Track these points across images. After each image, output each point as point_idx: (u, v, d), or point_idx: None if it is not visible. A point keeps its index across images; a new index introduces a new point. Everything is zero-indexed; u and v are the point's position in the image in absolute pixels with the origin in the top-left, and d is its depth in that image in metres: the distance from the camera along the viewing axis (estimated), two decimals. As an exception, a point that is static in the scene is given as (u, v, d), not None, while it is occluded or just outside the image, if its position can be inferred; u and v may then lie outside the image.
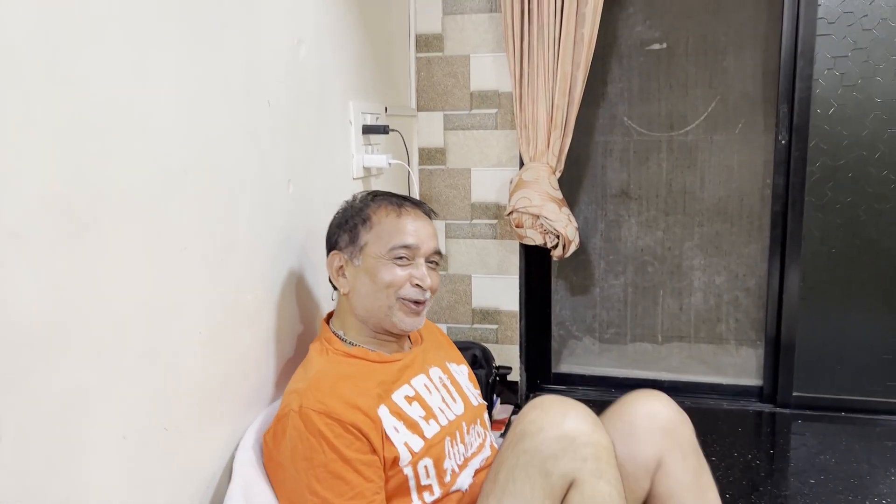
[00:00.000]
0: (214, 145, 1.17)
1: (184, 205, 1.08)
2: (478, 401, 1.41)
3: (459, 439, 1.28)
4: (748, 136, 2.59)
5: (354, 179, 1.80)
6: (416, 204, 1.35)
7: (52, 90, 0.83)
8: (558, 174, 2.21)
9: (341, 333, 1.31)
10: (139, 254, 0.98)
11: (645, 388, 1.42)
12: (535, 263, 2.51)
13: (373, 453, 1.13)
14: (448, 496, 1.22)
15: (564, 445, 1.11)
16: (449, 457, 1.23)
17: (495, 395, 2.32)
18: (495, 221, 2.38)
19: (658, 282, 2.76)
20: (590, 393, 2.53)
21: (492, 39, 2.29)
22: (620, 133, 2.69)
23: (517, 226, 2.21)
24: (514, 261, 2.39)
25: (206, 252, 1.14)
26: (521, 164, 2.25)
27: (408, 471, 1.17)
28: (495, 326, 2.44)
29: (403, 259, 1.27)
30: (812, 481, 1.90)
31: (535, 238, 2.21)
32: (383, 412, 1.18)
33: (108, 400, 0.93)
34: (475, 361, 2.21)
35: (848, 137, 2.18)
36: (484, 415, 1.42)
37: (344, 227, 1.32)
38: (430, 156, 2.39)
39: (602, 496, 1.10)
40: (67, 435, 0.86)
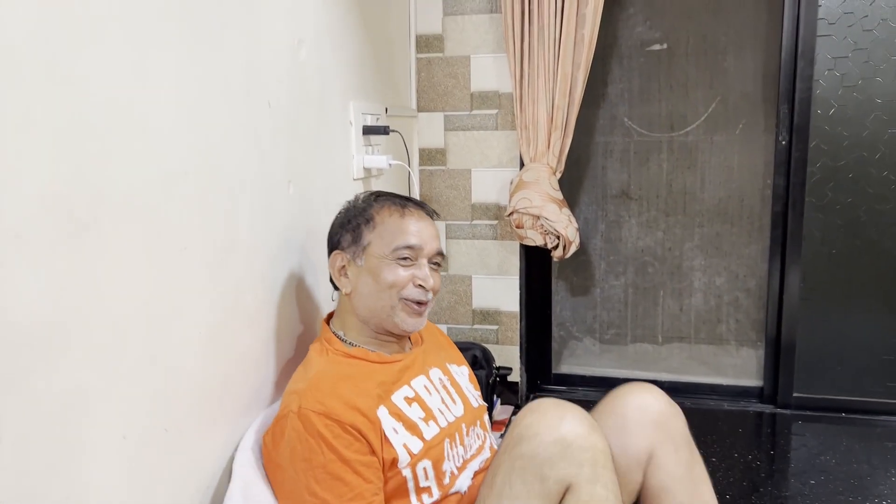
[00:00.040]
0: (215, 146, 1.17)
1: (184, 205, 1.08)
2: (478, 402, 1.41)
3: (459, 441, 1.28)
4: (748, 137, 2.59)
5: (355, 180, 1.80)
6: (419, 205, 1.35)
7: (52, 90, 0.83)
8: (559, 175, 2.21)
9: (341, 334, 1.31)
10: (139, 254, 0.98)
11: (636, 382, 1.41)
12: (536, 264, 2.51)
13: (372, 454, 1.13)
14: (447, 498, 1.22)
15: (560, 450, 1.11)
16: (448, 458, 1.23)
17: (496, 396, 2.32)
18: (496, 222, 2.38)
19: (658, 282, 2.76)
20: (590, 394, 2.53)
21: (492, 40, 2.29)
22: (621, 134, 2.69)
23: (517, 226, 2.21)
24: (515, 261, 2.39)
25: (207, 252, 1.14)
26: (522, 165, 2.25)
27: (406, 472, 1.17)
28: (496, 327, 2.44)
29: (406, 259, 1.27)
30: (812, 482, 1.90)
31: (536, 239, 2.21)
32: (382, 413, 1.17)
33: (109, 400, 0.93)
34: (475, 362, 2.21)
35: (848, 138, 2.18)
36: (484, 416, 1.41)
37: (347, 227, 1.32)
38: (431, 156, 2.39)
39: (599, 501, 1.10)
40: (67, 435, 0.86)
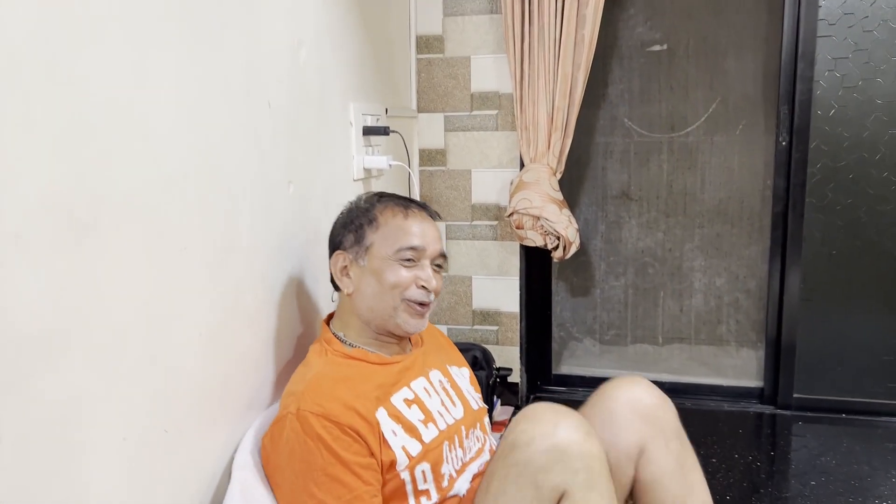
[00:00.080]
0: (215, 146, 1.16)
1: (184, 206, 1.08)
2: (478, 404, 1.40)
3: (458, 444, 1.27)
4: (749, 138, 2.59)
5: (355, 181, 1.80)
6: (422, 206, 1.35)
7: (52, 91, 0.83)
8: (559, 175, 2.21)
9: (341, 335, 1.31)
10: (139, 255, 0.98)
11: (626, 376, 1.41)
12: (536, 265, 2.51)
13: (370, 456, 1.12)
14: (445, 501, 1.22)
15: (555, 457, 1.10)
16: (447, 461, 1.23)
17: (496, 397, 2.32)
18: (496, 223, 2.38)
19: (658, 283, 2.76)
20: (590, 395, 2.52)
21: (492, 41, 2.29)
22: (621, 134, 2.69)
23: (518, 227, 2.21)
24: (515, 262, 2.39)
25: (207, 253, 1.14)
26: (522, 166, 2.25)
27: (405, 475, 1.16)
28: (496, 328, 2.43)
29: (409, 261, 1.27)
30: (813, 483, 1.90)
31: (536, 239, 2.21)
32: (381, 415, 1.17)
33: (109, 401, 0.92)
34: (475, 363, 2.21)
35: (849, 139, 2.18)
36: (484, 419, 1.41)
37: (349, 228, 1.32)
38: (431, 157, 2.39)
39: None
40: (68, 436, 0.86)
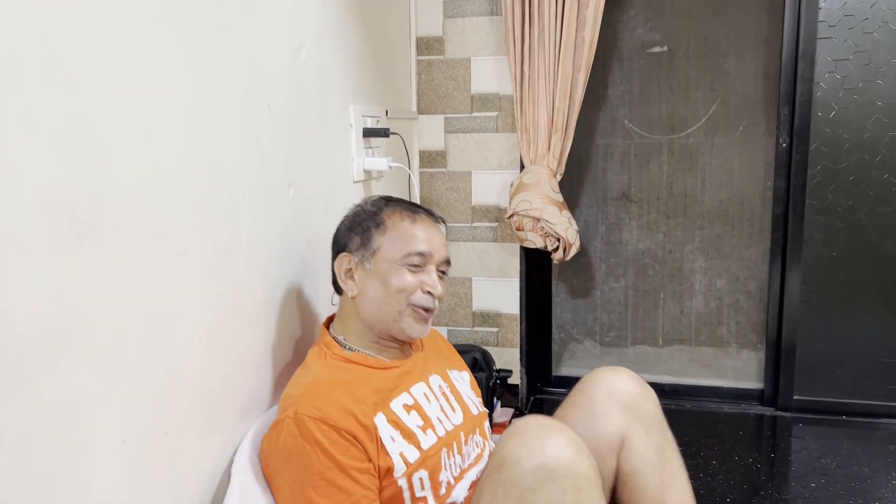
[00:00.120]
0: (215, 147, 1.16)
1: (184, 207, 1.08)
2: (478, 409, 1.39)
3: (457, 450, 1.26)
4: (749, 139, 2.59)
5: (355, 182, 1.80)
6: (429, 212, 1.35)
7: (52, 91, 0.82)
8: (559, 177, 2.21)
9: (341, 338, 1.30)
10: (139, 256, 0.98)
11: (607, 366, 1.40)
12: (536, 266, 2.51)
13: (368, 461, 1.12)
14: (442, 509, 1.21)
15: (542, 477, 1.06)
16: (445, 468, 1.22)
17: (496, 399, 2.31)
18: (496, 224, 2.38)
19: (659, 285, 2.76)
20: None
21: (492, 42, 2.29)
22: (621, 136, 2.69)
23: (518, 229, 2.21)
24: (515, 264, 2.38)
25: (207, 255, 1.14)
26: (522, 167, 2.25)
27: (402, 482, 1.15)
28: (496, 329, 2.43)
29: (416, 266, 1.27)
30: (813, 485, 1.90)
31: (536, 241, 2.20)
32: (380, 420, 1.16)
33: (108, 402, 0.92)
34: (475, 364, 2.20)
35: (849, 140, 2.18)
36: (484, 424, 1.40)
37: (355, 230, 1.31)
38: (431, 159, 2.39)
39: None
40: (67, 438, 0.86)
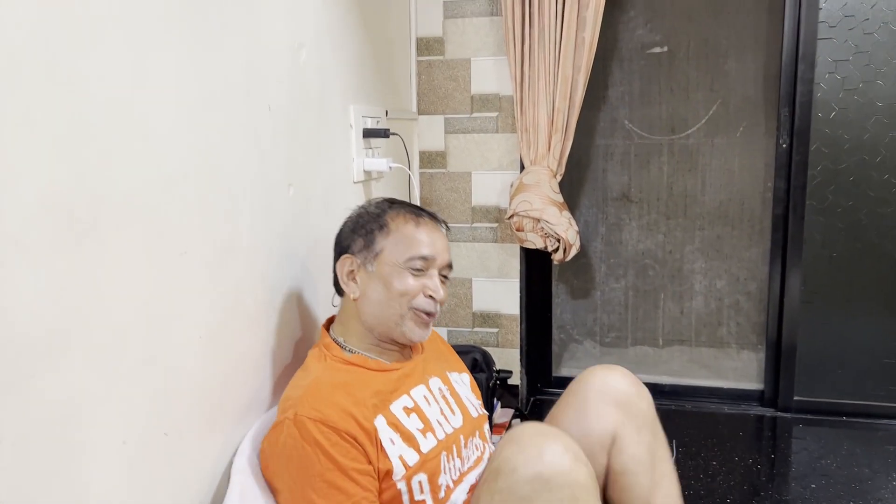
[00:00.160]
0: (215, 147, 1.16)
1: (184, 207, 1.08)
2: (478, 412, 1.39)
3: (456, 453, 1.26)
4: (749, 140, 2.59)
5: (355, 183, 1.80)
6: (432, 216, 1.34)
7: (52, 91, 0.82)
8: (559, 178, 2.21)
9: (341, 340, 1.30)
10: (139, 257, 0.98)
11: (603, 364, 1.40)
12: (536, 267, 2.50)
13: (368, 463, 1.12)
14: (442, 512, 1.20)
15: (538, 487, 1.05)
16: (444, 472, 1.21)
17: (496, 399, 2.31)
18: (496, 225, 2.38)
19: (659, 285, 2.75)
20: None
21: (493, 43, 2.29)
22: (621, 136, 2.69)
23: (518, 229, 2.21)
24: (515, 264, 2.38)
25: (207, 255, 1.14)
26: (522, 168, 2.25)
27: (401, 485, 1.15)
28: (496, 330, 2.43)
29: (419, 270, 1.26)
30: (813, 486, 1.90)
31: (536, 241, 2.20)
32: (380, 423, 1.16)
33: (108, 402, 0.92)
34: (475, 365, 2.20)
35: (849, 141, 2.18)
36: (484, 426, 1.39)
37: (359, 232, 1.31)
38: (431, 159, 2.39)
39: None
40: (67, 438, 0.86)
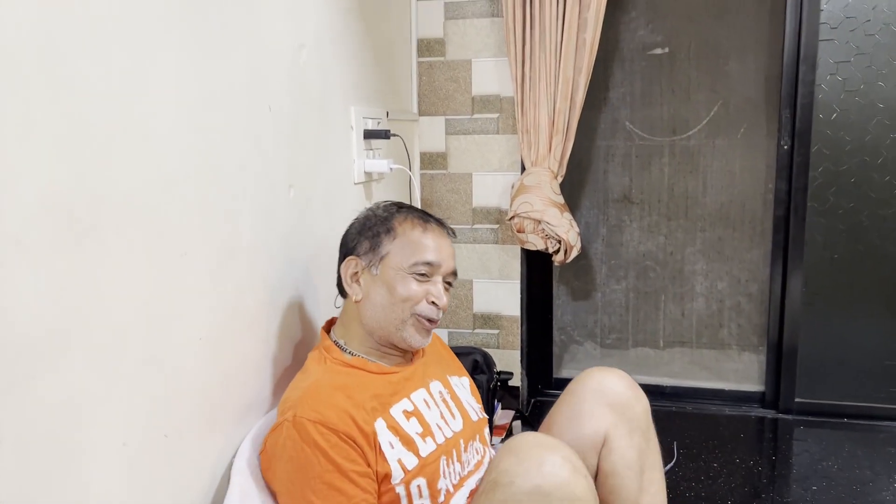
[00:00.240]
0: (215, 147, 1.16)
1: (184, 207, 1.08)
2: (478, 415, 1.38)
3: (456, 457, 1.25)
4: (750, 141, 2.58)
5: (356, 184, 1.80)
6: (440, 222, 1.34)
7: (53, 91, 0.82)
8: (560, 179, 2.21)
9: (342, 343, 1.30)
10: (140, 257, 0.98)
11: (601, 366, 1.40)
12: (537, 268, 2.50)
13: (368, 465, 1.12)
14: (442, 516, 1.20)
15: (537, 500, 1.04)
16: (444, 476, 1.21)
17: (496, 401, 2.31)
18: (497, 226, 2.38)
19: (660, 287, 2.75)
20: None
21: (493, 44, 2.29)
22: (622, 138, 2.68)
23: (519, 230, 2.21)
24: (516, 265, 2.38)
25: (207, 257, 1.14)
26: (523, 169, 2.25)
27: (400, 489, 1.15)
28: (496, 331, 2.43)
29: (423, 275, 1.26)
30: (815, 488, 1.89)
31: (537, 243, 2.20)
32: (380, 426, 1.16)
33: (109, 403, 0.92)
34: (476, 367, 2.20)
35: (850, 142, 2.18)
36: (484, 430, 1.39)
37: (365, 234, 1.30)
38: (432, 160, 2.39)
39: None
40: (67, 439, 0.86)
